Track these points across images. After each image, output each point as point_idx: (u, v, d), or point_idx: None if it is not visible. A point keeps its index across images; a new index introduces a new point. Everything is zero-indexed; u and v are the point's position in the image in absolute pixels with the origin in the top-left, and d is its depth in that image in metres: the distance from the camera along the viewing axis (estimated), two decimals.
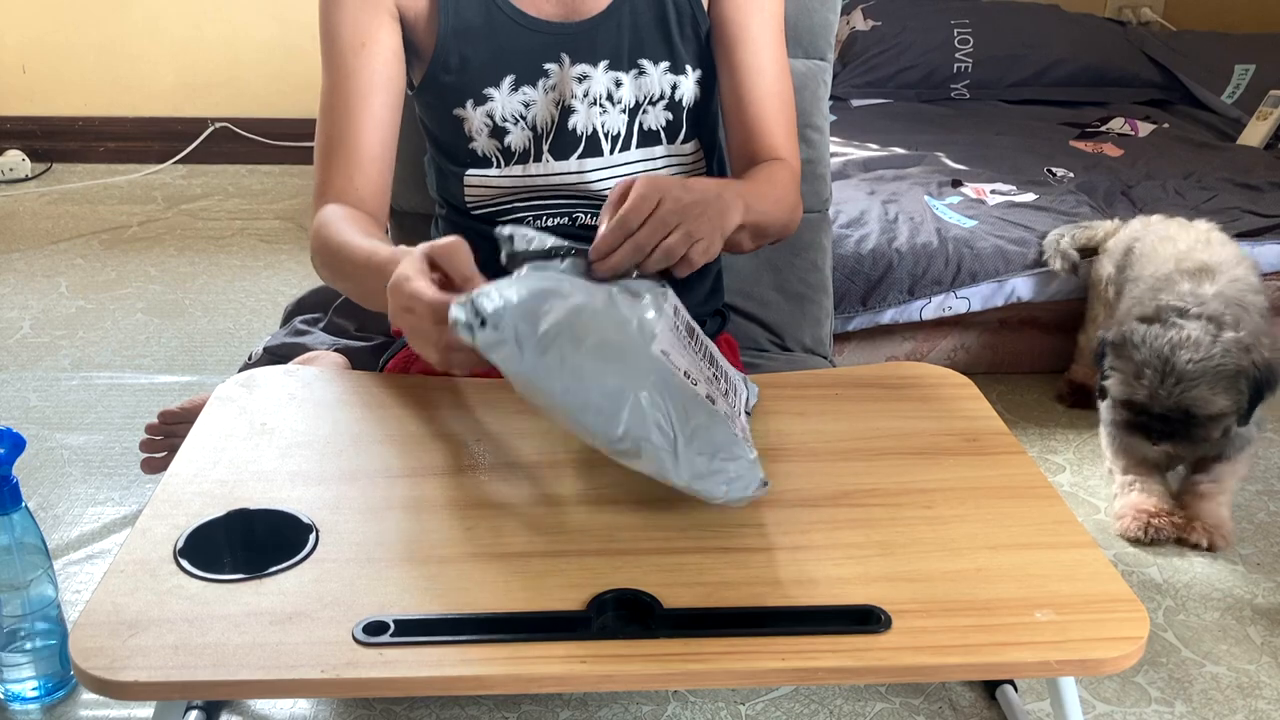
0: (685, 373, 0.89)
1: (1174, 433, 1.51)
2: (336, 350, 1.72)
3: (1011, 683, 1.32)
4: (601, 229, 0.97)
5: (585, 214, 1.25)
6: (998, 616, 0.80)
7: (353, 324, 1.90)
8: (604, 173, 1.23)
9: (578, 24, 1.20)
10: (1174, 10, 3.26)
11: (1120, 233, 1.94)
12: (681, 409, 0.86)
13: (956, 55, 2.88)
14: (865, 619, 0.79)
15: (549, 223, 1.25)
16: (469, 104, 1.20)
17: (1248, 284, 1.64)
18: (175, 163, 3.19)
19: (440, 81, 1.20)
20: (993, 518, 0.91)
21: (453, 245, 0.93)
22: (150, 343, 2.18)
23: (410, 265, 0.92)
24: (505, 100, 1.19)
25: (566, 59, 1.19)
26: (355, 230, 1.11)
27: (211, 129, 3.19)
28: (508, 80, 1.19)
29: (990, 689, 1.34)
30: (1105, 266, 1.91)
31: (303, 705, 1.31)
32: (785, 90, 1.26)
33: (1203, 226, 1.82)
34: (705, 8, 1.23)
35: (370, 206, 1.17)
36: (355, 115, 1.16)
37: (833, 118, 2.06)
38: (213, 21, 3.11)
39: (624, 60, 1.20)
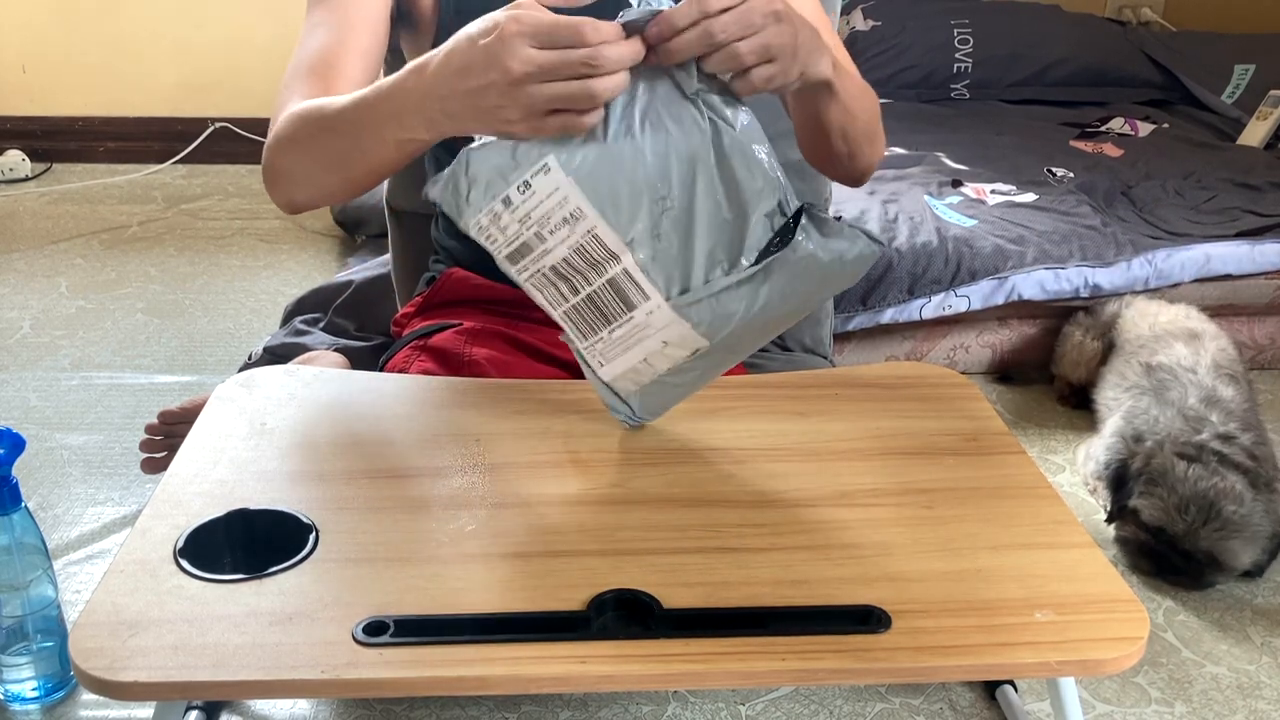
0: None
1: (1189, 573, 1.54)
2: (336, 350, 1.72)
3: (1011, 683, 1.32)
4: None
5: None
6: (998, 616, 0.80)
7: (353, 324, 1.90)
8: None
9: (579, 8, 1.19)
10: (1174, 10, 3.26)
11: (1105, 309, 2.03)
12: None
13: (956, 55, 2.88)
14: (865, 619, 0.79)
15: None
16: None
17: (1230, 355, 1.77)
18: (175, 163, 3.19)
19: None
20: (993, 518, 0.91)
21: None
22: (150, 343, 2.18)
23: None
24: None
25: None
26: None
27: (211, 129, 3.19)
28: None
29: (990, 689, 1.33)
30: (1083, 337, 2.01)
31: (303, 705, 1.31)
32: (828, 26, 1.19)
33: (1181, 306, 1.94)
34: None
35: None
36: (344, 41, 1.10)
37: None
38: (213, 21, 3.11)
39: None
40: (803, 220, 0.88)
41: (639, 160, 0.85)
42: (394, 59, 1.40)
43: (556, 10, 1.18)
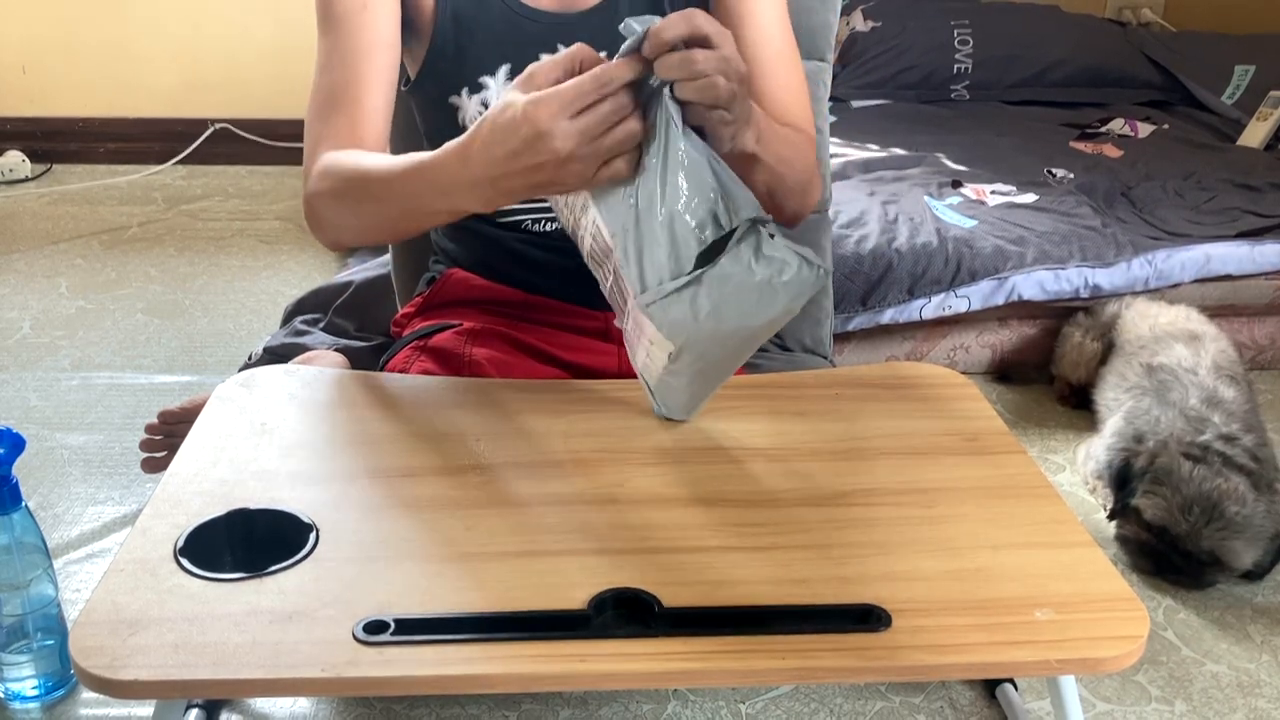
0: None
1: (1189, 572, 1.54)
2: (336, 350, 1.72)
3: (1011, 681, 1.32)
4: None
5: None
6: (998, 616, 0.80)
7: (353, 324, 1.90)
8: None
9: (575, 15, 1.20)
10: (1174, 11, 3.26)
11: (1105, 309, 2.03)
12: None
13: (956, 56, 2.88)
14: (865, 619, 0.79)
15: (548, 227, 1.25)
16: (464, 92, 1.20)
17: (1231, 356, 1.77)
18: (175, 163, 3.19)
19: (437, 68, 1.20)
20: (993, 518, 0.91)
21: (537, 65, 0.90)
22: (150, 343, 2.18)
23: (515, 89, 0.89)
24: (500, 89, 1.19)
25: (562, 49, 1.19)
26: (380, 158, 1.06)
27: (211, 129, 3.19)
28: (504, 70, 1.19)
29: (990, 688, 1.34)
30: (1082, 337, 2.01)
31: (303, 705, 1.31)
32: (794, 60, 1.22)
33: (1181, 308, 1.94)
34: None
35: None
36: (359, 71, 1.13)
37: (833, 118, 2.07)
38: (213, 21, 3.11)
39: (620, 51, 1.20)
40: (744, 236, 0.89)
41: None
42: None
43: (558, 14, 1.19)
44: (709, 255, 0.89)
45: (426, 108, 1.26)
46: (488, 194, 0.93)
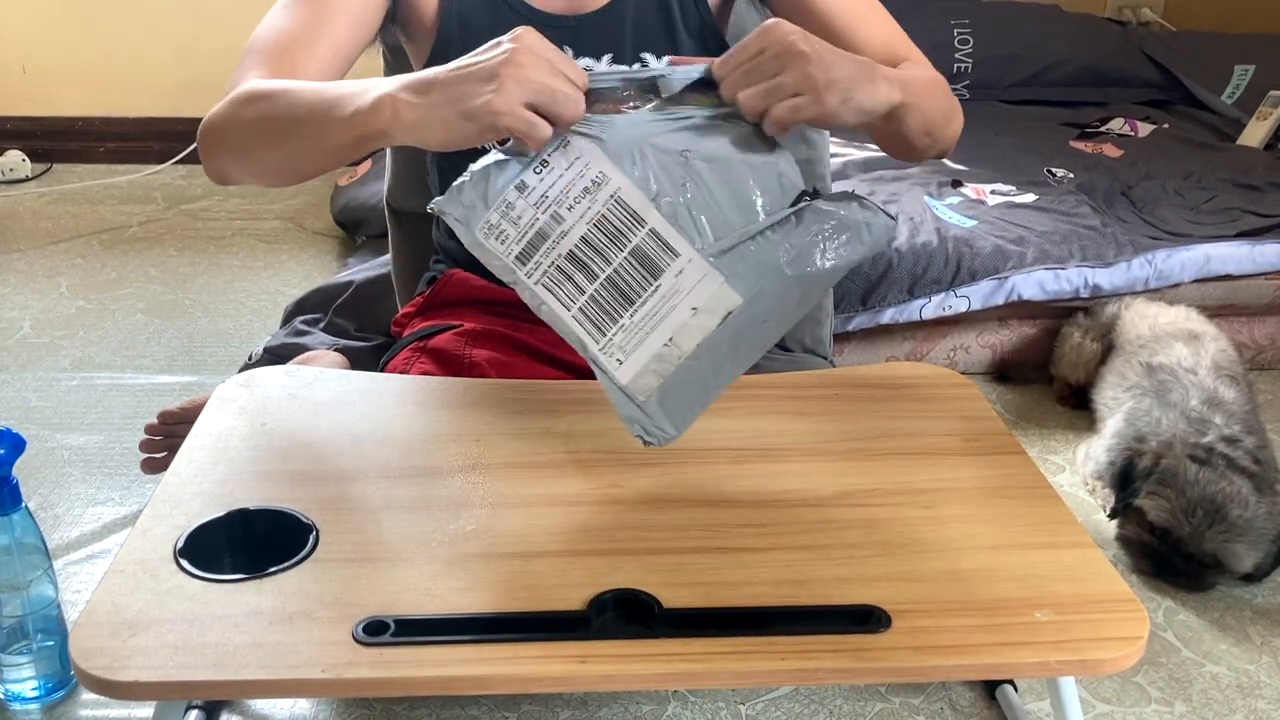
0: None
1: (1190, 574, 1.54)
2: (336, 350, 1.72)
3: (1011, 682, 1.32)
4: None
5: None
6: (998, 616, 0.80)
7: (353, 324, 1.90)
8: None
9: (581, 17, 1.20)
10: (1174, 10, 3.26)
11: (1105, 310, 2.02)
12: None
13: (956, 55, 2.88)
14: (865, 619, 0.79)
15: None
16: None
17: (1231, 356, 1.77)
18: (175, 163, 3.19)
19: None
20: (993, 518, 0.91)
21: None
22: (150, 343, 2.18)
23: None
24: None
25: (569, 52, 1.19)
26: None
27: None
28: None
29: (990, 689, 1.34)
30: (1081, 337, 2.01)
31: (303, 705, 1.31)
32: (874, 6, 1.18)
33: (1181, 308, 1.93)
34: (710, 6, 1.23)
35: None
36: (322, 24, 1.08)
37: None
38: (213, 21, 3.11)
39: (627, 54, 1.20)
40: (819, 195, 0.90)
41: (661, 127, 0.88)
42: (395, 58, 1.40)
43: (565, 17, 1.19)
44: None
45: None
46: (402, 91, 0.88)
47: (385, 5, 1.16)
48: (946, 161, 2.42)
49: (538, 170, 0.88)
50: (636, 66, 0.95)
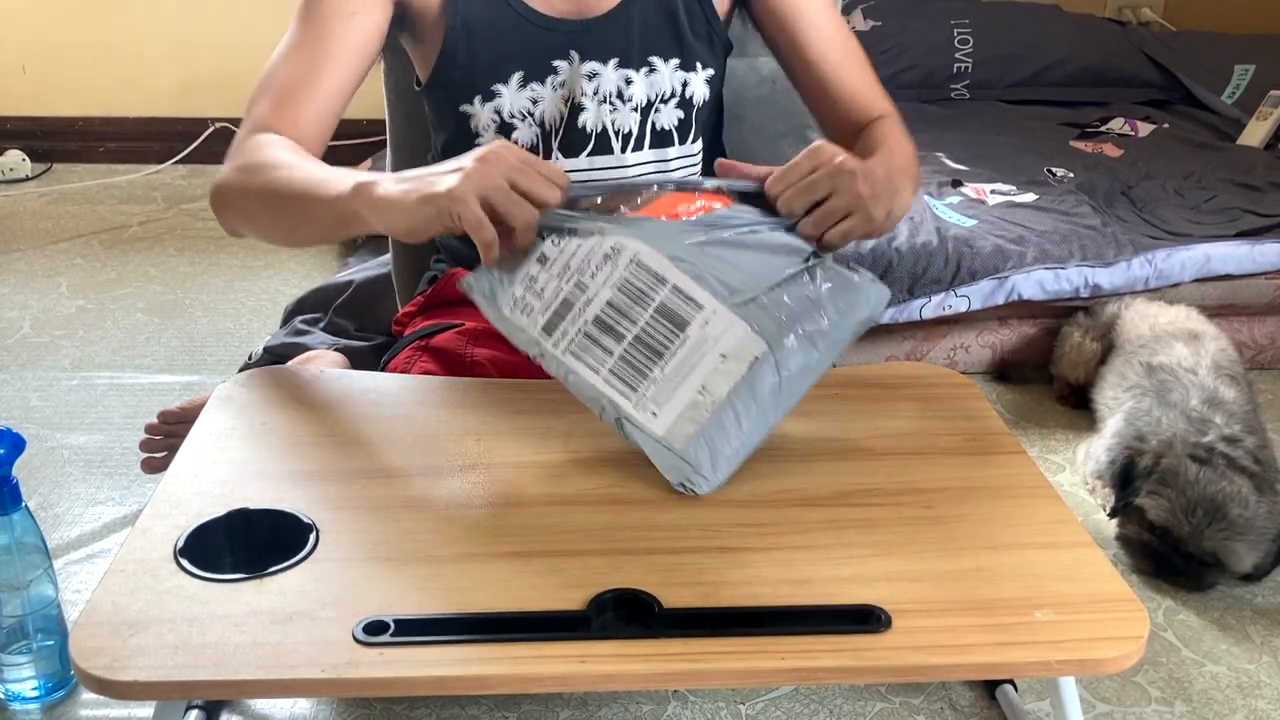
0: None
1: (1189, 574, 1.54)
2: (336, 350, 1.72)
3: (1011, 682, 1.32)
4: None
5: None
6: (998, 616, 0.80)
7: (353, 324, 1.90)
8: (614, 172, 1.22)
9: (588, 21, 1.20)
10: (1174, 10, 3.26)
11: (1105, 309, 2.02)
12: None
13: (956, 55, 2.88)
14: (865, 619, 0.79)
15: None
16: (477, 100, 1.20)
17: (1231, 356, 1.77)
18: (175, 163, 3.19)
19: (448, 76, 1.20)
20: (993, 518, 0.91)
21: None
22: (150, 343, 2.18)
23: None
24: (513, 97, 1.19)
25: (576, 56, 1.19)
26: (307, 159, 1.05)
27: (211, 129, 3.19)
28: (516, 77, 1.19)
29: (990, 689, 1.34)
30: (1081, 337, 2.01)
31: (303, 705, 1.31)
32: (855, 50, 1.26)
33: (1181, 308, 1.94)
34: (717, 9, 1.23)
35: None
36: (324, 71, 1.13)
37: None
38: (212, 21, 3.11)
39: (634, 58, 1.20)
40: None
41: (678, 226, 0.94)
42: (396, 59, 1.40)
43: (571, 21, 1.19)
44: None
45: (439, 113, 1.26)
46: (384, 181, 0.93)
47: (385, 32, 1.18)
48: (947, 161, 2.42)
49: (556, 242, 0.92)
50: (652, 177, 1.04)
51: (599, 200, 0.95)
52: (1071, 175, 2.37)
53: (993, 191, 2.26)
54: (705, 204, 0.95)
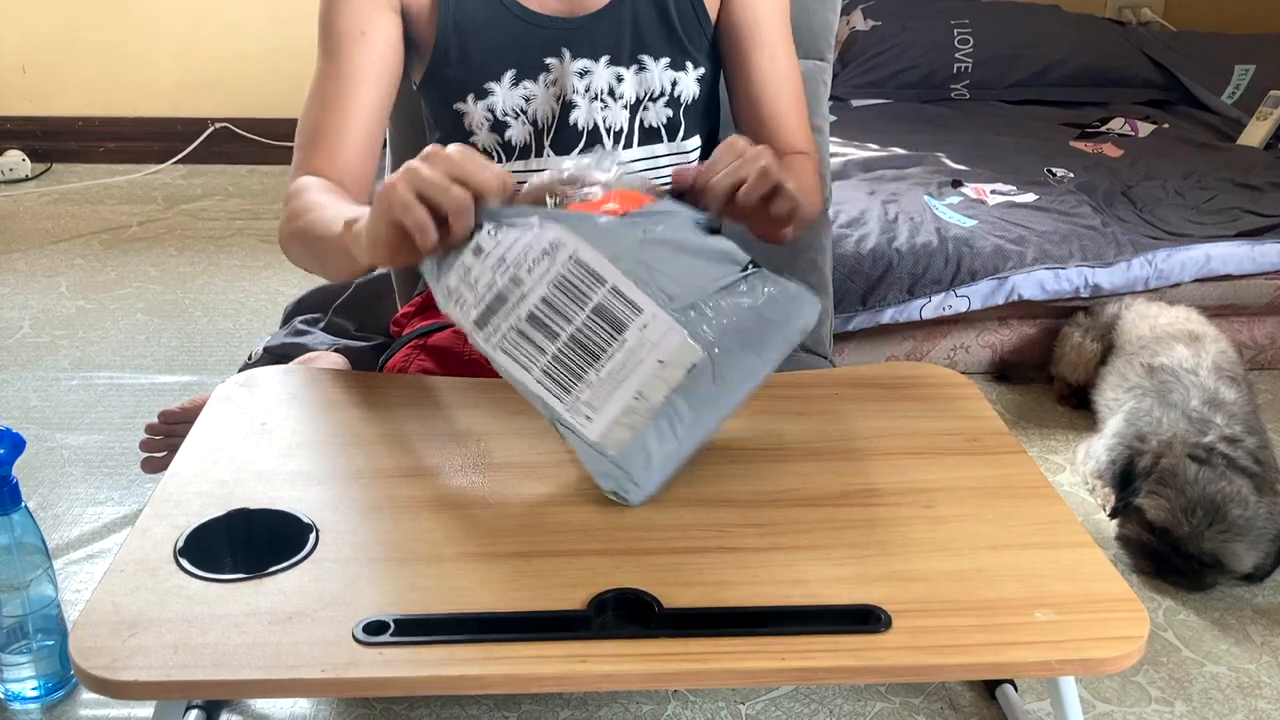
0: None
1: (1189, 574, 1.54)
2: (336, 350, 1.72)
3: (1011, 682, 1.32)
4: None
5: None
6: (998, 616, 0.80)
7: (353, 324, 1.90)
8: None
9: (579, 19, 1.20)
10: (1174, 10, 3.26)
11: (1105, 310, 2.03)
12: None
13: (956, 55, 2.88)
14: (865, 619, 0.79)
15: None
16: (470, 98, 1.20)
17: (1231, 357, 1.77)
18: (175, 163, 3.19)
19: (441, 75, 1.21)
20: (993, 518, 0.91)
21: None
22: (150, 343, 2.18)
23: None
24: (506, 94, 1.20)
25: (567, 54, 1.19)
26: (335, 197, 1.08)
27: (211, 129, 3.19)
28: (508, 75, 1.19)
29: (990, 689, 1.34)
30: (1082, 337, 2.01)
31: (303, 705, 1.31)
32: (798, 85, 1.27)
33: (1181, 308, 1.94)
34: (708, 10, 1.23)
35: (350, 190, 1.15)
36: (347, 101, 1.15)
37: (833, 118, 2.06)
38: (213, 21, 3.11)
39: (625, 56, 1.20)
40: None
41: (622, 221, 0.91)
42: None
43: (563, 19, 1.19)
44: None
45: (434, 111, 1.26)
46: (360, 221, 0.93)
47: (401, 41, 1.18)
48: (947, 161, 2.42)
49: (493, 234, 0.88)
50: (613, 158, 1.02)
51: (545, 196, 0.94)
52: (1071, 175, 2.37)
53: (993, 191, 2.26)
54: (646, 200, 0.94)
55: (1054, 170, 2.40)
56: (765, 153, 0.96)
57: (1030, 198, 2.24)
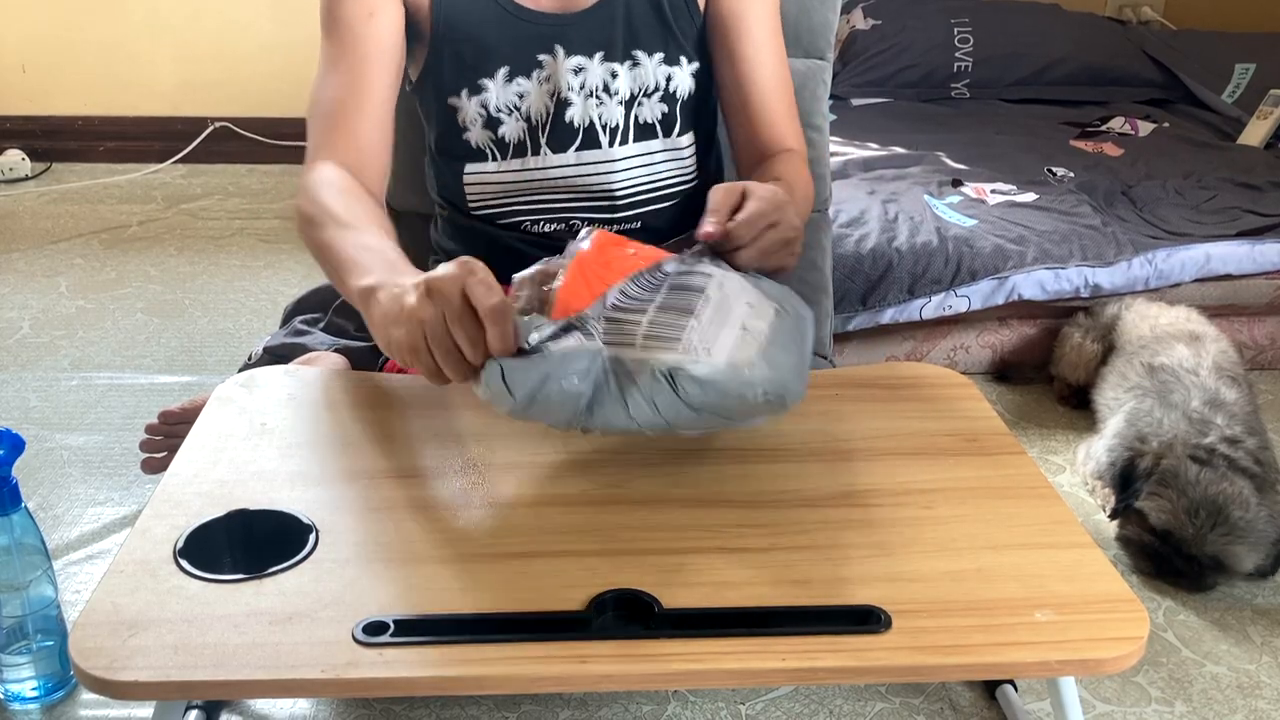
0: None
1: (1190, 575, 1.54)
2: (336, 350, 1.72)
3: (1011, 683, 1.32)
4: (710, 228, 0.96)
5: (582, 219, 1.25)
6: (998, 616, 0.80)
7: (353, 324, 1.89)
8: (603, 167, 1.23)
9: (572, 15, 1.20)
10: (1174, 9, 3.26)
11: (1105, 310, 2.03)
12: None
13: (956, 55, 2.88)
14: (865, 619, 0.79)
15: (546, 229, 1.25)
16: (463, 93, 1.20)
17: (1232, 357, 1.77)
18: (175, 162, 3.19)
19: (436, 71, 1.21)
20: (993, 518, 0.91)
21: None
22: (150, 343, 2.18)
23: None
24: (499, 91, 1.20)
25: (561, 50, 1.19)
26: (359, 207, 1.06)
27: (211, 128, 3.19)
28: (502, 71, 1.20)
29: (990, 689, 1.34)
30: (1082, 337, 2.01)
31: (303, 705, 1.31)
32: (786, 79, 1.27)
33: (1181, 308, 1.94)
34: (699, 3, 1.23)
35: (371, 171, 1.14)
36: (362, 82, 1.14)
37: (833, 117, 2.06)
38: (212, 19, 3.11)
39: (619, 52, 1.20)
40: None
41: None
42: None
43: (555, 15, 1.19)
44: None
45: (428, 109, 1.26)
46: (372, 310, 0.92)
47: (404, 28, 1.19)
48: (947, 160, 2.42)
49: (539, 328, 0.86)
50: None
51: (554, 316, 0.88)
52: (1071, 175, 2.37)
53: (993, 191, 2.26)
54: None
55: (1054, 170, 2.40)
56: (783, 210, 0.98)
57: (1030, 197, 2.24)
